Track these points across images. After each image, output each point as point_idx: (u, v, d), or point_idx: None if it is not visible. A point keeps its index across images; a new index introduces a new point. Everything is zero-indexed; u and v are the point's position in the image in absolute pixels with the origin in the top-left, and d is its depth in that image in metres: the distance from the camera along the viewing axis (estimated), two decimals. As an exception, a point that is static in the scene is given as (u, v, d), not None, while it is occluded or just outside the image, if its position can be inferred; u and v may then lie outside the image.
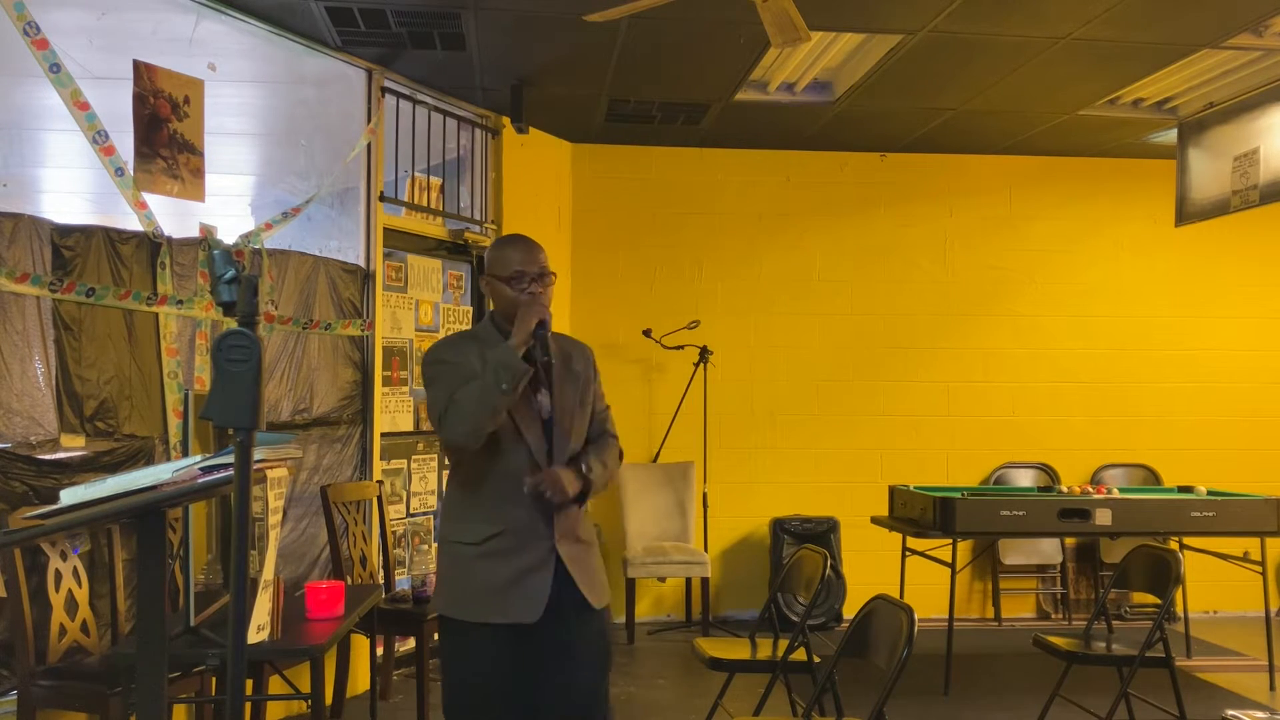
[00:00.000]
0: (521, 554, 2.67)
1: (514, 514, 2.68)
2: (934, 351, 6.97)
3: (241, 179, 5.07)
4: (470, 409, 2.56)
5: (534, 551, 2.68)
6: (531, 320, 2.63)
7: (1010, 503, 5.31)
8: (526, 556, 2.67)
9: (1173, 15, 4.56)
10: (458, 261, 5.97)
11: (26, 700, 3.26)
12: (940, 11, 4.52)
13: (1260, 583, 5.40)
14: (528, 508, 2.68)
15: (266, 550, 3.10)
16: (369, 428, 5.15)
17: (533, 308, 2.65)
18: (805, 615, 3.90)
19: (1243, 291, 7.13)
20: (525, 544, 2.68)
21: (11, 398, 3.53)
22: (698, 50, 5.03)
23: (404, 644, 5.31)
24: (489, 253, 2.83)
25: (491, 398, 2.55)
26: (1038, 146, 6.78)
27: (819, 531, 6.58)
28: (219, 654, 3.11)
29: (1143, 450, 7.01)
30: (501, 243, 2.83)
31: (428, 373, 2.72)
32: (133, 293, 3.90)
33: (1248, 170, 5.50)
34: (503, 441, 2.67)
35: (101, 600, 3.66)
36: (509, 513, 2.68)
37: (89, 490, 1.78)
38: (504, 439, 2.66)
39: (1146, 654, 4.05)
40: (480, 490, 2.71)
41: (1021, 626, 6.70)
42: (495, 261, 2.78)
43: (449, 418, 2.59)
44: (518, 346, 2.60)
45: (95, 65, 3.80)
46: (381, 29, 4.71)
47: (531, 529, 2.69)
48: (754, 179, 6.91)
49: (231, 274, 1.51)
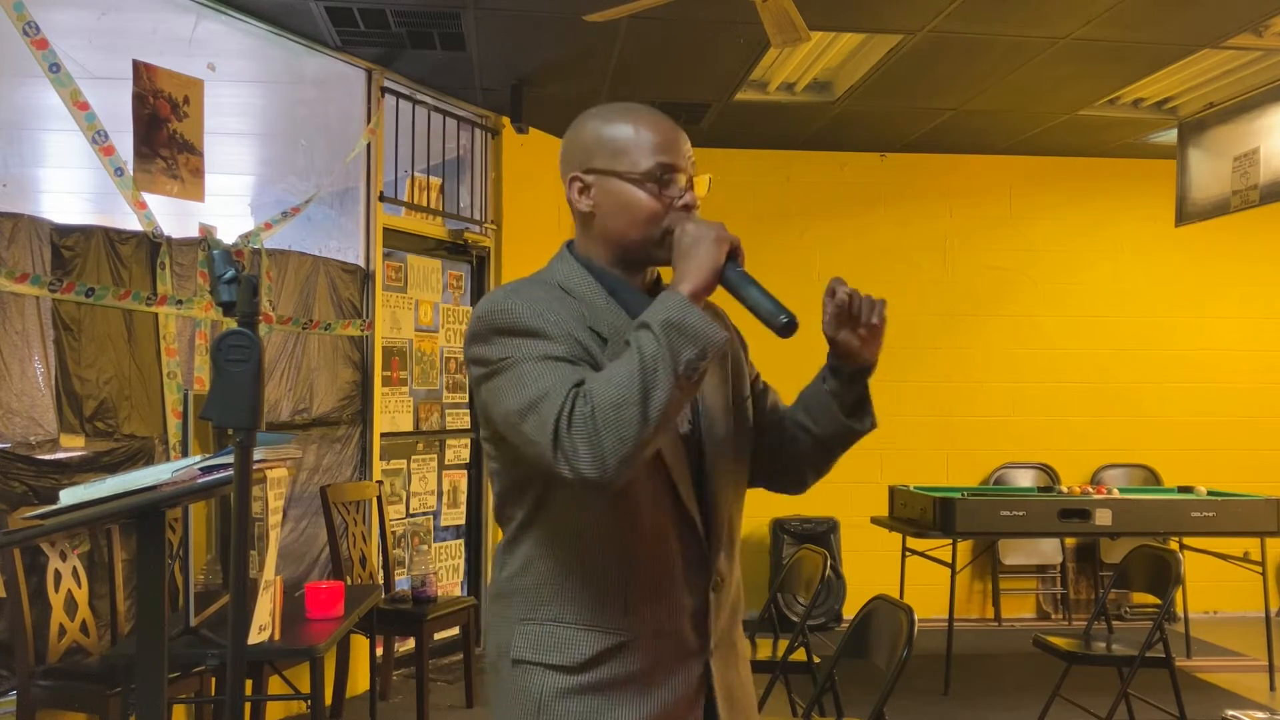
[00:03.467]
0: (654, 686, 1.50)
1: (646, 611, 1.50)
2: (934, 351, 6.97)
3: (241, 179, 5.07)
4: (632, 411, 1.35)
5: (676, 679, 1.52)
6: (721, 251, 1.48)
7: (1010, 503, 5.31)
8: (663, 692, 1.51)
9: (1173, 15, 4.56)
10: (458, 261, 5.97)
11: (26, 700, 3.26)
12: (940, 11, 4.51)
13: (1260, 583, 5.40)
14: (669, 597, 1.51)
15: (266, 550, 3.10)
16: (369, 428, 5.15)
17: (713, 229, 1.49)
18: (805, 615, 3.90)
19: (1243, 291, 7.13)
20: (661, 664, 1.51)
21: (11, 398, 3.53)
22: (698, 50, 5.03)
23: (404, 644, 5.31)
24: (586, 131, 1.59)
25: (666, 389, 1.36)
26: (1038, 146, 6.78)
27: (819, 532, 6.57)
28: (219, 654, 3.11)
29: (1143, 450, 7.01)
30: (611, 114, 1.59)
31: (491, 351, 1.47)
32: (132, 293, 3.90)
33: (1248, 170, 5.50)
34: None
35: (101, 600, 3.66)
36: (638, 609, 1.50)
37: (88, 490, 1.78)
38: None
39: (1146, 654, 4.05)
40: (580, 568, 1.50)
41: (1021, 627, 6.70)
42: (607, 145, 1.56)
43: (580, 426, 1.36)
44: (696, 296, 1.44)
45: (95, 65, 3.80)
46: (381, 29, 4.71)
47: (674, 636, 1.52)
48: (754, 179, 6.91)
49: (231, 274, 1.50)
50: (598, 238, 1.60)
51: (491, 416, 1.49)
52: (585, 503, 1.47)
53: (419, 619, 4.46)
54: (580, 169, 1.58)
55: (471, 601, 4.89)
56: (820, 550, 4.01)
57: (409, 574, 5.32)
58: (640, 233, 1.56)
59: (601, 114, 1.60)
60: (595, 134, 1.58)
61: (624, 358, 1.39)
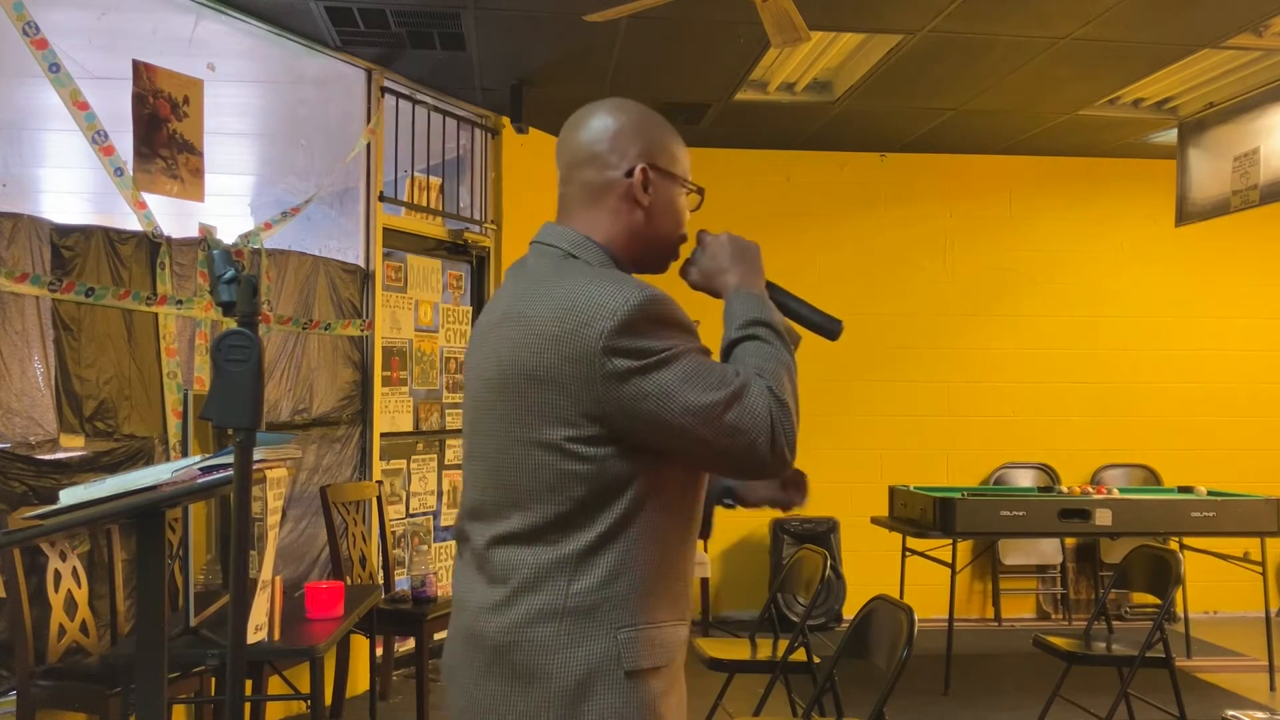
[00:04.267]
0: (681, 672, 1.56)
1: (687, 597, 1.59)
2: (934, 351, 6.97)
3: (241, 179, 5.07)
4: (797, 403, 1.48)
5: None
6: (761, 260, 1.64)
7: (1010, 503, 5.31)
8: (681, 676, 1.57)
9: (1173, 15, 4.56)
10: (457, 261, 5.97)
11: (26, 700, 3.26)
12: (940, 11, 4.51)
13: (1260, 583, 5.40)
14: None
15: (265, 550, 3.10)
16: (368, 428, 5.15)
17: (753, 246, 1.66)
18: (805, 615, 3.90)
19: (1243, 292, 7.13)
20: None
21: (11, 398, 3.53)
22: (698, 50, 5.03)
23: (403, 644, 5.31)
24: (651, 126, 1.61)
25: (794, 378, 1.51)
26: (1038, 146, 6.78)
27: (819, 532, 6.58)
28: (219, 654, 3.11)
29: (1143, 450, 7.01)
30: (659, 118, 1.65)
31: (653, 343, 1.42)
32: (132, 293, 3.90)
33: (1248, 170, 5.50)
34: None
35: (101, 600, 3.66)
36: (689, 594, 1.59)
37: (88, 490, 1.78)
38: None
39: (1146, 654, 4.05)
40: (667, 568, 1.51)
41: (1021, 627, 6.70)
42: (668, 148, 1.61)
43: (785, 418, 1.45)
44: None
45: (95, 65, 3.80)
46: (381, 29, 4.71)
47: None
48: (754, 179, 6.91)
49: (231, 274, 1.51)
50: (634, 231, 1.58)
51: (658, 412, 1.41)
52: (672, 504, 1.49)
53: (419, 619, 4.46)
54: (648, 161, 1.57)
55: (471, 601, 4.89)
56: (820, 550, 4.01)
57: (409, 574, 5.32)
58: (677, 238, 1.63)
59: (653, 115, 1.63)
60: (660, 133, 1.61)
61: (762, 353, 1.49)
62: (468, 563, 1.55)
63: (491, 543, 1.49)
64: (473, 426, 1.56)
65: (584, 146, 1.58)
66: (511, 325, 1.48)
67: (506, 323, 1.50)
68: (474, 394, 1.56)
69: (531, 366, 1.44)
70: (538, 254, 1.57)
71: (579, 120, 1.62)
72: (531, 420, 1.44)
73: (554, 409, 1.43)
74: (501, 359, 1.48)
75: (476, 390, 1.55)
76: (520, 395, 1.45)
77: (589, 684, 1.43)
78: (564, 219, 1.59)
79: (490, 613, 1.47)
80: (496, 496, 1.49)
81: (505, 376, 1.47)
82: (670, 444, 1.43)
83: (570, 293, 1.44)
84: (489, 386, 1.51)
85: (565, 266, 1.52)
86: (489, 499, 1.51)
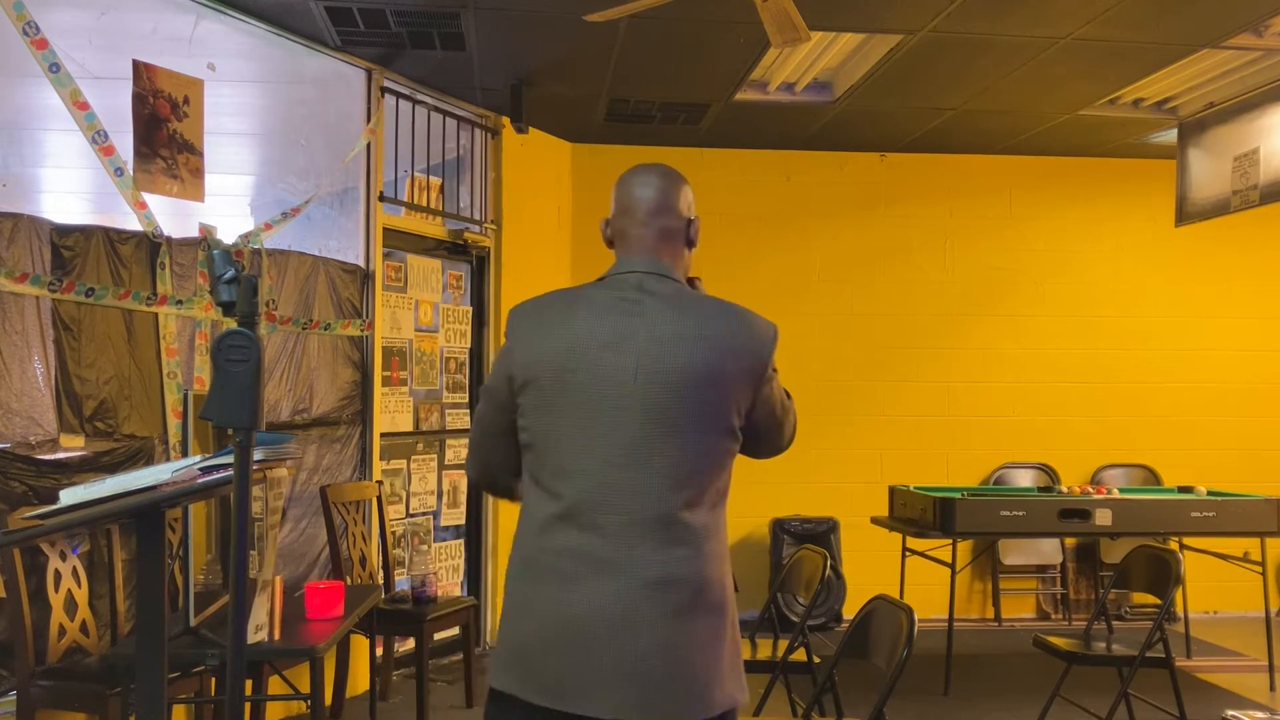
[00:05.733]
0: None
1: None
2: (934, 351, 6.97)
3: (241, 179, 5.07)
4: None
5: None
6: None
7: (1010, 503, 5.31)
8: None
9: (1173, 15, 4.56)
10: (457, 261, 5.97)
11: (26, 700, 3.26)
12: (940, 11, 4.51)
13: (1260, 583, 5.40)
14: None
15: (265, 550, 3.10)
16: (368, 428, 5.15)
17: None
18: (805, 615, 3.89)
19: (1243, 292, 7.13)
20: None
21: (11, 398, 3.52)
22: (698, 50, 5.03)
23: (403, 644, 5.31)
24: (683, 186, 2.10)
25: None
26: (1038, 146, 6.78)
27: (819, 532, 6.58)
28: (219, 654, 3.11)
29: (1143, 450, 7.01)
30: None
31: (773, 361, 2.01)
32: (132, 293, 3.90)
33: (1248, 170, 5.50)
34: None
35: (101, 600, 3.66)
36: None
37: (88, 490, 1.78)
38: None
39: (1146, 654, 4.05)
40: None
41: (1021, 627, 6.70)
42: (693, 201, 2.11)
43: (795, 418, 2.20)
44: None
45: (95, 65, 3.80)
46: (381, 29, 4.71)
47: None
48: (754, 179, 6.91)
49: (231, 274, 1.51)
50: (686, 265, 2.08)
51: (774, 408, 1.98)
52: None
53: (419, 619, 4.46)
54: (691, 215, 2.08)
55: (471, 601, 4.89)
56: (820, 550, 4.01)
57: (409, 574, 5.32)
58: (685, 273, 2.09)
59: (676, 173, 2.10)
60: (686, 188, 2.10)
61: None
62: (625, 528, 1.82)
63: (681, 507, 1.84)
64: (614, 419, 1.84)
65: (662, 200, 2.02)
66: (693, 342, 1.86)
67: (680, 340, 1.85)
68: (622, 393, 1.85)
69: (718, 372, 1.86)
70: (659, 280, 1.94)
71: (650, 180, 2.05)
72: (715, 412, 1.86)
73: (732, 404, 1.88)
74: (692, 366, 1.84)
75: (632, 389, 1.84)
76: (708, 392, 1.85)
77: (723, 600, 1.90)
78: (642, 252, 1.99)
79: (684, 563, 1.83)
80: (680, 474, 1.84)
81: (689, 381, 1.84)
82: (767, 425, 1.98)
83: (741, 317, 1.93)
84: (668, 388, 1.83)
85: (695, 294, 1.98)
86: (669, 478, 1.83)
